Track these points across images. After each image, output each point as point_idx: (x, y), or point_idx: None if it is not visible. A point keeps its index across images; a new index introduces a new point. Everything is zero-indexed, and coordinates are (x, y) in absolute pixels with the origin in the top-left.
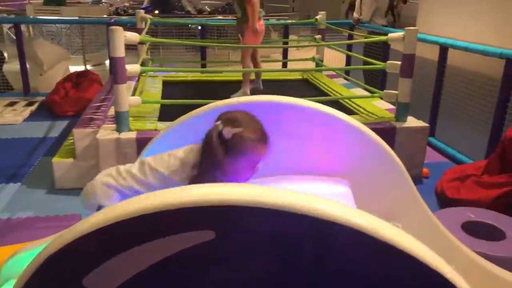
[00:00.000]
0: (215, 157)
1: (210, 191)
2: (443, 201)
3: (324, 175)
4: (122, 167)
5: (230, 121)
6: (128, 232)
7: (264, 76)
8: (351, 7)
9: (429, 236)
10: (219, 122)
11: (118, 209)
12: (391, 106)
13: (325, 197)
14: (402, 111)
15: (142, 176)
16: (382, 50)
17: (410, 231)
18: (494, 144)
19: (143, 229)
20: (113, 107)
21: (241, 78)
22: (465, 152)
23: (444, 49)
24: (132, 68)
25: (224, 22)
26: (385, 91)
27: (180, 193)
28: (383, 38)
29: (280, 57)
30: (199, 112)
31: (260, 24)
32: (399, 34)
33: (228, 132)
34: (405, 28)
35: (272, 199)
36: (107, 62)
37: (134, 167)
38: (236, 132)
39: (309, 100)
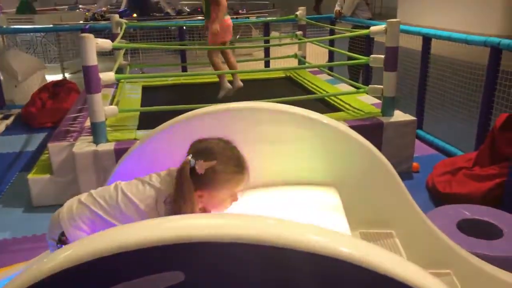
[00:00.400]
0: (188, 195)
1: (174, 225)
2: (435, 196)
3: (310, 183)
4: (94, 191)
5: (203, 154)
6: (82, 278)
7: (246, 76)
8: (318, 1)
9: (424, 241)
10: (190, 156)
11: (68, 253)
12: (377, 101)
13: (314, 211)
14: (388, 105)
15: (115, 205)
16: (365, 45)
17: (405, 237)
18: (482, 134)
19: (99, 273)
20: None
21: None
22: (454, 143)
23: (427, 39)
24: (106, 76)
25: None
26: (370, 86)
27: (139, 230)
28: (364, 31)
29: (262, 54)
30: (179, 121)
31: (226, 20)
32: (381, 26)
33: (200, 167)
34: (387, 20)
35: (251, 232)
36: None
37: (107, 193)
38: (209, 166)
39: (293, 99)
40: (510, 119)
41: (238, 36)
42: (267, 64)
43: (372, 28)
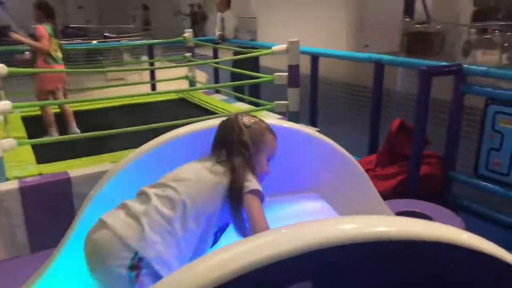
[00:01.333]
0: (248, 139)
1: (300, 234)
2: None
3: (294, 193)
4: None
5: (241, 115)
6: None
7: (134, 100)
8: (195, 24)
9: None
10: (235, 115)
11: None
12: (279, 116)
13: (312, 216)
14: (293, 119)
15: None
16: (251, 65)
17: None
18: (374, 140)
19: None
20: None
21: (115, 103)
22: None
23: (315, 58)
24: (3, 106)
25: (71, 46)
26: (276, 102)
27: (268, 245)
28: (268, 51)
29: (136, 78)
30: (148, 150)
31: (55, 67)
32: (282, 46)
33: (249, 119)
34: (288, 40)
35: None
36: None
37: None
38: (255, 120)
39: (201, 119)
40: (402, 124)
41: (109, 61)
42: (153, 87)
43: (274, 48)
